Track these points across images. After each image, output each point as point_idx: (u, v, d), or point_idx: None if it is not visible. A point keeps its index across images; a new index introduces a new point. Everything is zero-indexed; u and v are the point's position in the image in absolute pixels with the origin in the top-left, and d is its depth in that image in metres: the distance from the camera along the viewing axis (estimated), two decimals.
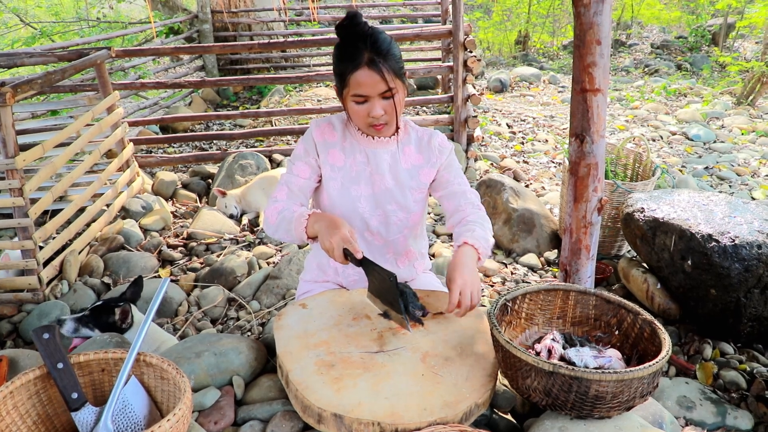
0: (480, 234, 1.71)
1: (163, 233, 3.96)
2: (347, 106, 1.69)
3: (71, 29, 10.33)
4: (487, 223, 1.79)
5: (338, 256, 1.56)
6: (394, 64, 1.63)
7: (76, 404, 1.30)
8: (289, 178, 1.81)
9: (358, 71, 1.60)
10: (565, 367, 1.29)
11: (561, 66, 10.85)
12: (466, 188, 1.86)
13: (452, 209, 1.85)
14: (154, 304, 1.38)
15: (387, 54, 1.61)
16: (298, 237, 1.66)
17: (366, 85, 1.61)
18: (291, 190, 1.79)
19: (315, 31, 9.00)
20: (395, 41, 1.69)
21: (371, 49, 1.59)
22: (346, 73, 1.62)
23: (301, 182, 1.80)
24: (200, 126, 7.02)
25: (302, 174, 1.81)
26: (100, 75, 4.14)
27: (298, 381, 1.42)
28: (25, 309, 3.08)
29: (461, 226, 1.78)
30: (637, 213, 2.94)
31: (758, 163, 5.78)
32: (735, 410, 2.20)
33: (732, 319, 2.56)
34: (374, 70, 1.59)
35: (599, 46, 2.05)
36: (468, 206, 1.82)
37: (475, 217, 1.79)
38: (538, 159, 5.70)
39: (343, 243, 1.56)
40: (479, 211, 1.82)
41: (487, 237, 1.73)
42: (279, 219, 1.72)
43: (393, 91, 1.64)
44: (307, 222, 1.64)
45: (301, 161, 1.82)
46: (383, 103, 1.66)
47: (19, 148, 2.98)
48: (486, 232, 1.75)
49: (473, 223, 1.76)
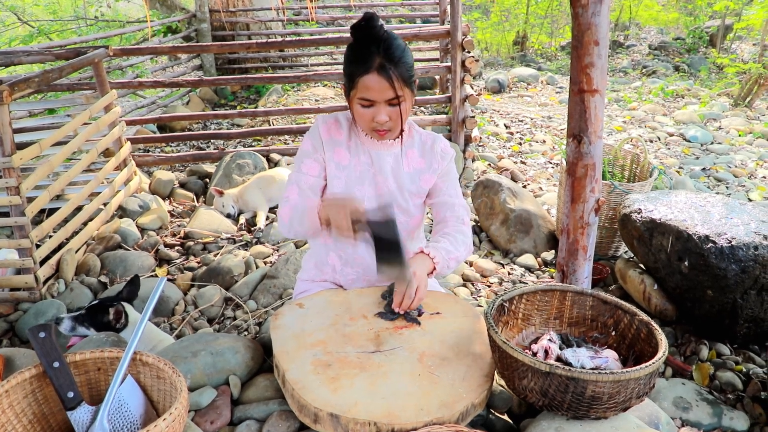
0: (444, 246, 1.71)
1: (160, 232, 3.96)
2: (353, 107, 1.69)
3: (69, 28, 10.31)
4: (462, 237, 1.78)
5: (347, 228, 1.54)
6: (404, 71, 1.61)
7: (72, 403, 1.29)
8: (299, 177, 1.78)
9: (368, 75, 1.59)
10: (561, 367, 1.30)
11: (559, 67, 10.86)
12: (456, 200, 1.85)
13: (438, 219, 1.86)
14: (150, 304, 1.38)
15: (399, 61, 1.60)
16: (311, 225, 1.65)
17: (374, 90, 1.60)
18: (301, 189, 1.76)
19: (313, 31, 9.00)
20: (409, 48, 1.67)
21: (384, 54, 1.58)
22: (355, 75, 1.61)
23: (311, 180, 1.78)
24: (198, 125, 7.01)
25: (311, 171, 1.79)
26: (98, 74, 4.13)
27: (294, 381, 1.42)
28: (22, 308, 3.07)
29: (434, 237, 1.79)
30: (635, 214, 2.94)
31: (755, 164, 5.79)
32: (731, 411, 2.20)
33: (728, 320, 2.57)
34: (384, 77, 1.58)
35: (597, 46, 2.05)
36: (452, 219, 1.82)
37: (451, 230, 1.78)
38: (536, 159, 5.70)
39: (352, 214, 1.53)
40: (461, 226, 1.81)
41: (451, 250, 1.72)
42: (291, 215, 1.71)
43: (400, 99, 1.63)
44: (319, 208, 1.63)
45: (309, 158, 1.79)
46: (389, 110, 1.65)
47: (16, 147, 2.98)
48: (455, 246, 1.74)
49: (446, 236, 1.76)
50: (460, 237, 1.77)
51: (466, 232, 1.80)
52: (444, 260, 1.69)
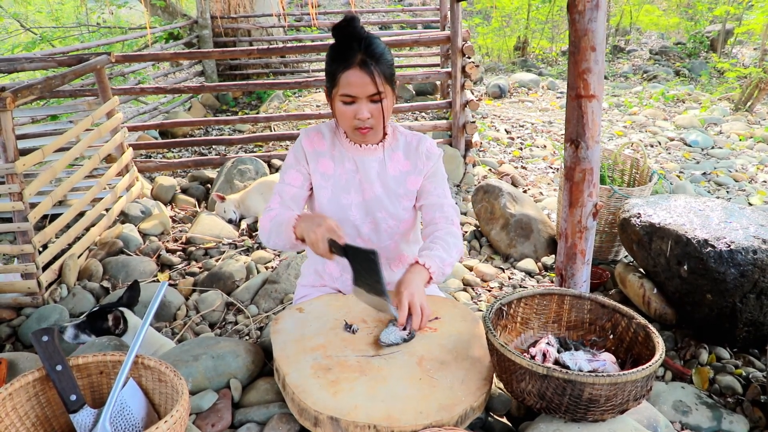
0: (437, 253, 1.70)
1: (161, 238, 3.97)
2: (335, 106, 1.70)
3: (71, 34, 10.37)
4: (453, 240, 1.76)
5: (323, 249, 1.55)
6: (385, 68, 1.64)
7: (74, 406, 1.31)
8: (282, 188, 1.82)
9: (350, 71, 1.61)
10: (558, 370, 1.31)
11: (560, 72, 10.88)
12: (444, 201, 1.85)
13: (427, 221, 1.85)
14: (152, 308, 1.39)
15: (380, 58, 1.63)
16: (287, 240, 1.66)
17: (355, 85, 1.62)
18: (283, 199, 1.81)
19: (314, 37, 9.02)
20: (390, 48, 1.70)
21: (365, 51, 1.61)
22: (337, 72, 1.63)
23: (293, 191, 1.82)
24: (199, 131, 7.05)
25: (294, 182, 1.82)
26: (100, 80, 4.16)
27: (294, 384, 1.43)
28: (25, 313, 3.09)
29: (426, 242, 1.78)
30: (634, 218, 2.95)
31: (756, 168, 5.80)
32: (731, 415, 2.20)
33: (728, 324, 2.57)
34: (365, 71, 1.61)
35: (594, 52, 2.06)
36: (442, 220, 1.82)
37: (443, 233, 1.77)
38: (536, 164, 5.72)
39: (328, 233, 1.55)
40: (451, 227, 1.80)
41: (444, 257, 1.70)
42: (271, 225, 1.74)
43: (381, 95, 1.65)
44: (295, 223, 1.65)
45: (292, 169, 1.83)
46: (371, 107, 1.67)
47: (18, 153, 3.00)
48: (448, 251, 1.72)
49: (438, 240, 1.75)
50: (452, 240, 1.76)
51: (456, 233, 1.80)
52: (439, 268, 1.68)
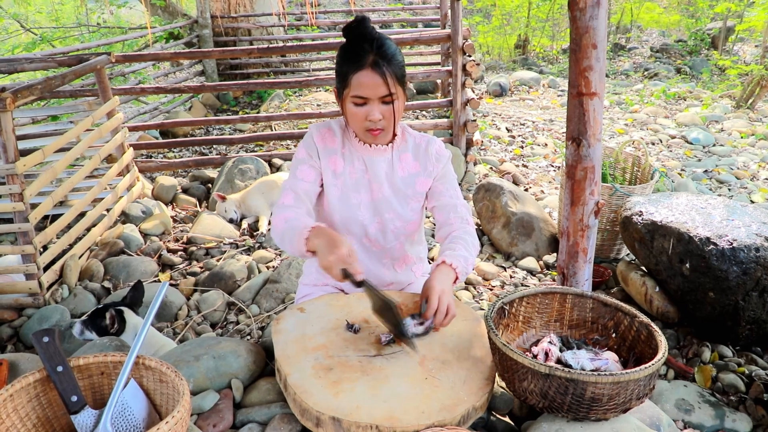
0: (461, 253, 1.70)
1: (162, 238, 3.97)
2: (345, 108, 1.69)
3: (71, 35, 10.37)
4: (471, 239, 1.78)
5: (336, 275, 1.51)
6: (397, 70, 1.63)
7: (75, 407, 1.30)
8: (294, 183, 1.78)
9: (361, 72, 1.60)
10: (561, 369, 1.30)
11: (561, 70, 10.86)
12: (457, 201, 1.85)
13: (442, 221, 1.85)
14: (153, 308, 1.39)
15: (391, 59, 1.62)
16: (299, 250, 1.60)
17: (367, 86, 1.61)
18: (297, 195, 1.76)
19: (314, 36, 9.02)
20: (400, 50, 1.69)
21: (377, 51, 1.60)
22: (348, 73, 1.62)
23: (306, 186, 1.78)
24: (200, 131, 7.04)
25: (307, 177, 1.79)
26: (100, 80, 4.16)
27: (296, 384, 1.43)
28: (26, 313, 3.08)
29: (446, 242, 1.78)
30: (636, 216, 2.95)
31: (757, 166, 5.79)
32: (733, 413, 2.20)
33: (730, 322, 2.57)
34: (377, 72, 1.60)
35: (595, 50, 2.06)
36: (457, 220, 1.82)
37: (461, 233, 1.78)
38: (538, 163, 5.71)
39: (342, 264, 1.50)
40: (467, 226, 1.81)
41: (467, 256, 1.72)
42: (285, 228, 1.66)
43: (393, 97, 1.64)
44: (309, 235, 1.58)
45: (304, 164, 1.80)
46: (382, 108, 1.66)
47: (19, 153, 3.00)
48: (469, 250, 1.74)
49: (458, 240, 1.75)
50: (470, 239, 1.78)
51: (473, 232, 1.81)
52: (464, 268, 1.70)
